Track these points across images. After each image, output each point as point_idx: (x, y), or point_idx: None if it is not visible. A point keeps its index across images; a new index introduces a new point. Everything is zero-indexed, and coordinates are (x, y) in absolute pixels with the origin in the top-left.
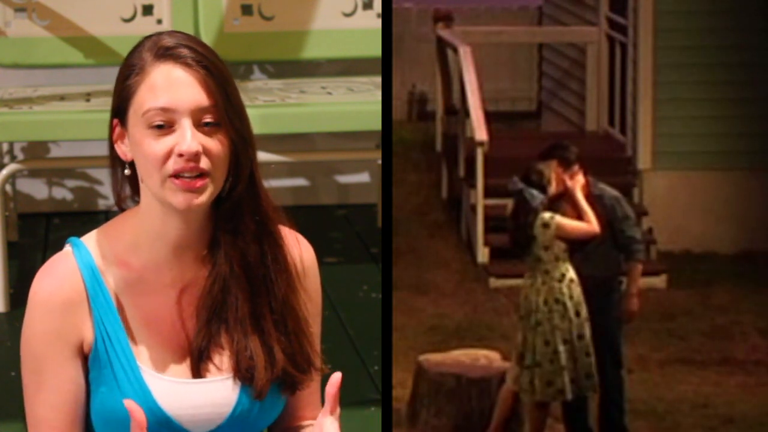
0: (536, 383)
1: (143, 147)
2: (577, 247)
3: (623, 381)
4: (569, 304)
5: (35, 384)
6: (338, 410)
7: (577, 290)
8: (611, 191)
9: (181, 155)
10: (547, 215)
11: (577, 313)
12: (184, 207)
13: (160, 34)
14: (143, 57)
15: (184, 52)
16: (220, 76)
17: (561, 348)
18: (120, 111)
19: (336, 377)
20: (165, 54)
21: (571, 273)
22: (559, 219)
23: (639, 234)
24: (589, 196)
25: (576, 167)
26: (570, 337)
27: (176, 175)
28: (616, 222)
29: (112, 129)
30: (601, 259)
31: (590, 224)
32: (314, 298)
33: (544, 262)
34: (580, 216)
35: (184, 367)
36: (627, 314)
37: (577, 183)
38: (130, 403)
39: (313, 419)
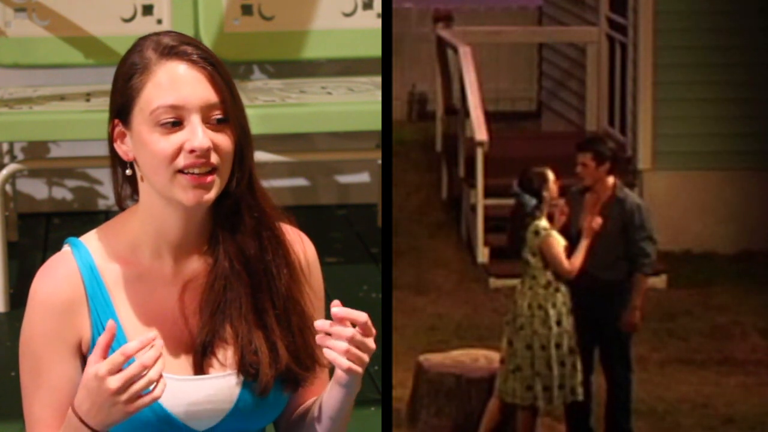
0: (516, 387)
1: (150, 145)
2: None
3: (631, 384)
4: (551, 312)
5: (33, 383)
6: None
7: (562, 300)
8: (636, 198)
9: (192, 151)
10: (543, 224)
11: (558, 323)
12: (194, 203)
13: (157, 34)
14: (146, 56)
15: (189, 49)
16: (225, 73)
17: (538, 354)
18: (123, 110)
19: (336, 303)
20: (170, 52)
21: (559, 283)
22: (553, 236)
23: (650, 248)
24: (611, 199)
25: (608, 164)
26: (547, 345)
27: (185, 171)
28: (631, 229)
29: (111, 129)
30: (612, 262)
31: (572, 264)
32: (318, 294)
33: (532, 267)
34: (572, 245)
35: (186, 364)
36: (627, 325)
37: (596, 221)
38: (110, 323)
39: None
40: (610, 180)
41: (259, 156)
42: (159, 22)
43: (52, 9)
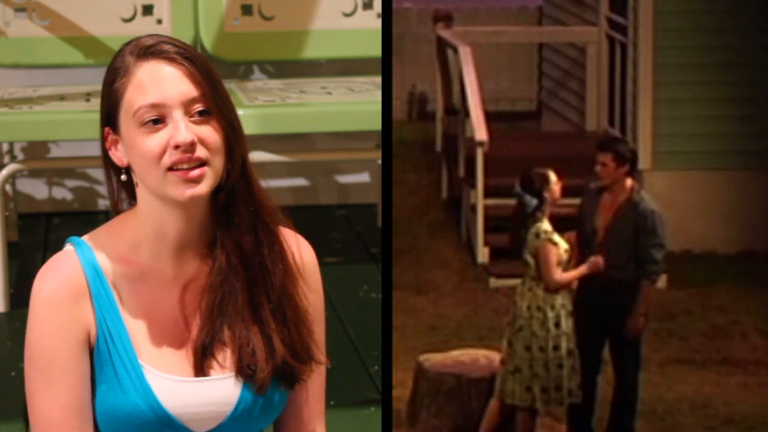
0: (516, 388)
1: (138, 145)
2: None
3: (639, 383)
4: (550, 314)
5: (45, 383)
6: None
7: (561, 302)
8: (651, 204)
9: (177, 147)
10: (544, 226)
11: (557, 324)
12: (186, 198)
13: (138, 38)
14: (126, 60)
15: (166, 47)
16: (204, 67)
17: (537, 355)
18: (110, 117)
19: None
20: (147, 53)
21: None
22: (552, 242)
23: (659, 255)
24: (627, 200)
25: (628, 166)
26: (545, 346)
27: (174, 168)
28: (642, 233)
29: (104, 137)
30: (624, 263)
31: (560, 278)
32: (315, 290)
33: (532, 269)
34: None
35: (187, 365)
36: (631, 331)
37: (599, 262)
38: None
39: (318, 413)
40: (629, 182)
41: (259, 156)
42: (159, 22)
43: (52, 9)
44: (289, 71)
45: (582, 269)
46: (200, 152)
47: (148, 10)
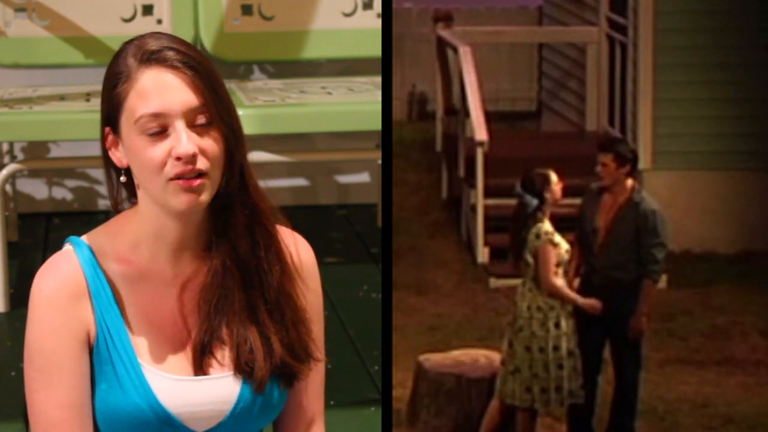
0: (515, 388)
1: (140, 154)
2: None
3: (640, 383)
4: (550, 314)
5: (45, 383)
6: None
7: (561, 303)
8: (652, 203)
9: (178, 158)
10: (545, 227)
11: (557, 325)
12: (186, 208)
13: (141, 37)
14: (128, 64)
15: (170, 54)
16: (207, 74)
17: (536, 356)
18: (111, 119)
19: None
20: (150, 58)
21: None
22: (552, 243)
23: (660, 255)
24: (627, 201)
25: (628, 166)
26: (545, 347)
27: (176, 177)
28: (643, 233)
29: (104, 137)
30: (624, 263)
31: (554, 283)
32: (313, 289)
33: (532, 269)
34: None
35: (186, 364)
36: (633, 331)
37: (596, 304)
38: None
39: (317, 412)
40: (629, 182)
41: (259, 156)
42: (159, 22)
43: (52, 9)
44: (289, 71)
45: (579, 299)
46: (201, 163)
47: (148, 10)
